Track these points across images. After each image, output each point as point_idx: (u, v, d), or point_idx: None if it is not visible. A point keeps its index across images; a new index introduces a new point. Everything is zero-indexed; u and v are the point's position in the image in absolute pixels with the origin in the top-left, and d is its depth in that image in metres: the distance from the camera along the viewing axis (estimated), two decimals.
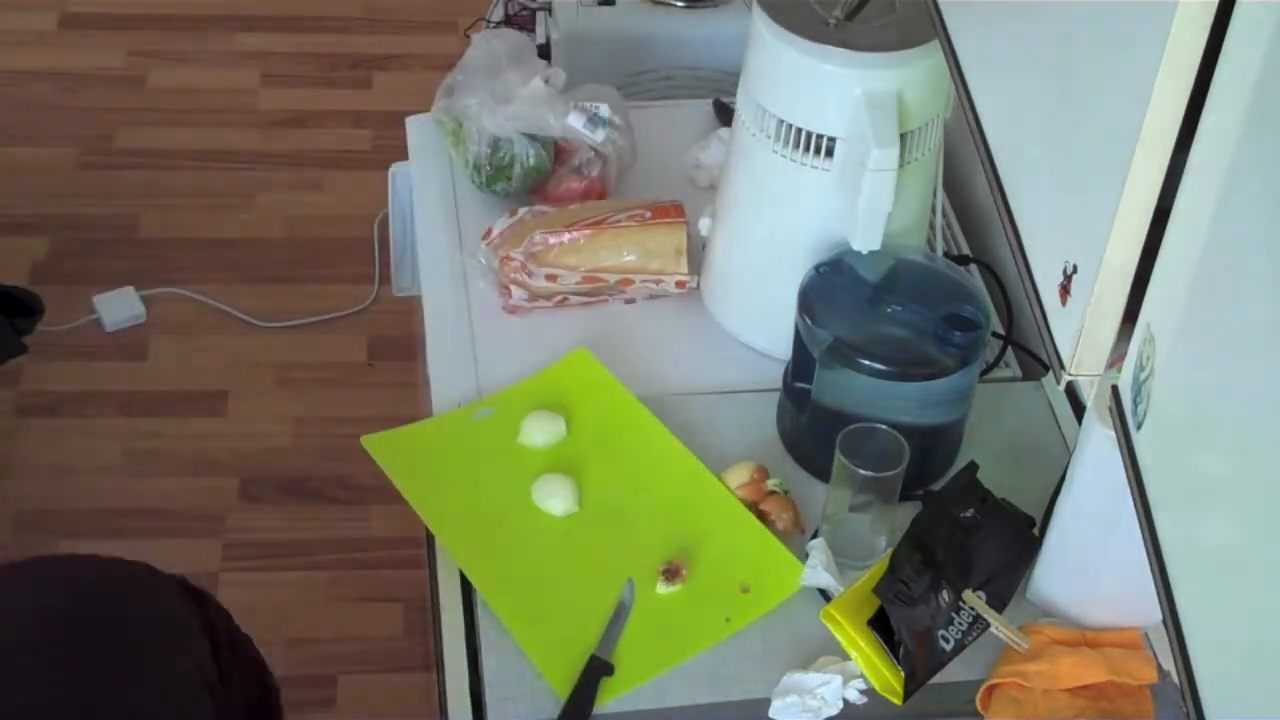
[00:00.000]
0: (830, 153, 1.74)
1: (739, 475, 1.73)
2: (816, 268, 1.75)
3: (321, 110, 3.79)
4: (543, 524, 1.70)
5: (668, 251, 1.95)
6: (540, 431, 1.78)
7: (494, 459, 1.76)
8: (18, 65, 3.81)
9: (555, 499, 1.70)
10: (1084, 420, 1.58)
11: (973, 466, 1.65)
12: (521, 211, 1.99)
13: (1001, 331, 1.92)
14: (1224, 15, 0.93)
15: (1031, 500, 1.67)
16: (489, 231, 1.99)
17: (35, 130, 3.65)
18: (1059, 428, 1.84)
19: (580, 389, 1.83)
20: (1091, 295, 1.09)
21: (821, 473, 1.71)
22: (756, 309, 1.90)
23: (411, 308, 2.40)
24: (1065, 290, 1.13)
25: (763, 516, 1.71)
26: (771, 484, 1.73)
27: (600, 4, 2.52)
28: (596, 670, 1.55)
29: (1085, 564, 1.59)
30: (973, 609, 1.56)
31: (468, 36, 2.80)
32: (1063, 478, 1.60)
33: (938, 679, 1.58)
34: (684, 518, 1.71)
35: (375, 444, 1.77)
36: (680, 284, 1.96)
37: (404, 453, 1.73)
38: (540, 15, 2.68)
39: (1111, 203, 1.04)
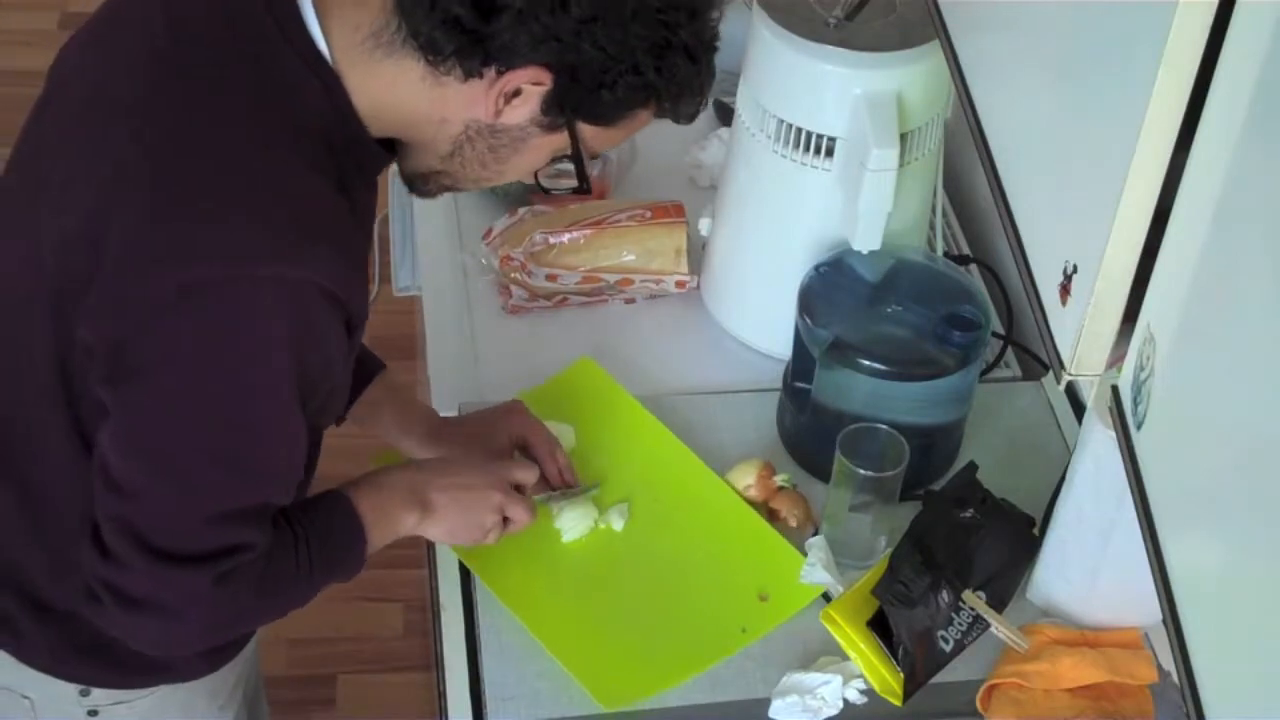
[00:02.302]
0: (830, 153, 1.74)
1: (746, 474, 1.73)
2: (816, 268, 1.75)
3: None
4: (558, 537, 1.68)
5: (668, 251, 1.95)
6: (576, 528, 1.71)
7: None
8: (18, 65, 3.80)
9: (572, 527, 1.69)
10: (1084, 420, 1.58)
11: (973, 466, 1.65)
12: (521, 211, 1.99)
13: (1001, 331, 1.92)
14: (1224, 15, 0.93)
15: (1031, 500, 1.67)
16: (489, 231, 1.99)
17: None
18: (1059, 428, 1.84)
19: (586, 398, 1.81)
20: (1091, 295, 1.09)
21: (821, 473, 1.71)
22: (756, 309, 1.90)
23: (411, 308, 2.40)
24: (1065, 290, 1.13)
25: (774, 515, 1.71)
26: (780, 480, 1.73)
27: None
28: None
29: (1085, 564, 1.58)
30: (972, 609, 1.56)
31: None
32: (1063, 478, 1.60)
33: (938, 679, 1.58)
34: (698, 526, 1.70)
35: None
36: (680, 284, 1.96)
37: None
38: None
39: (1111, 203, 1.04)
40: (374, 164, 1.38)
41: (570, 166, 1.39)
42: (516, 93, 1.29)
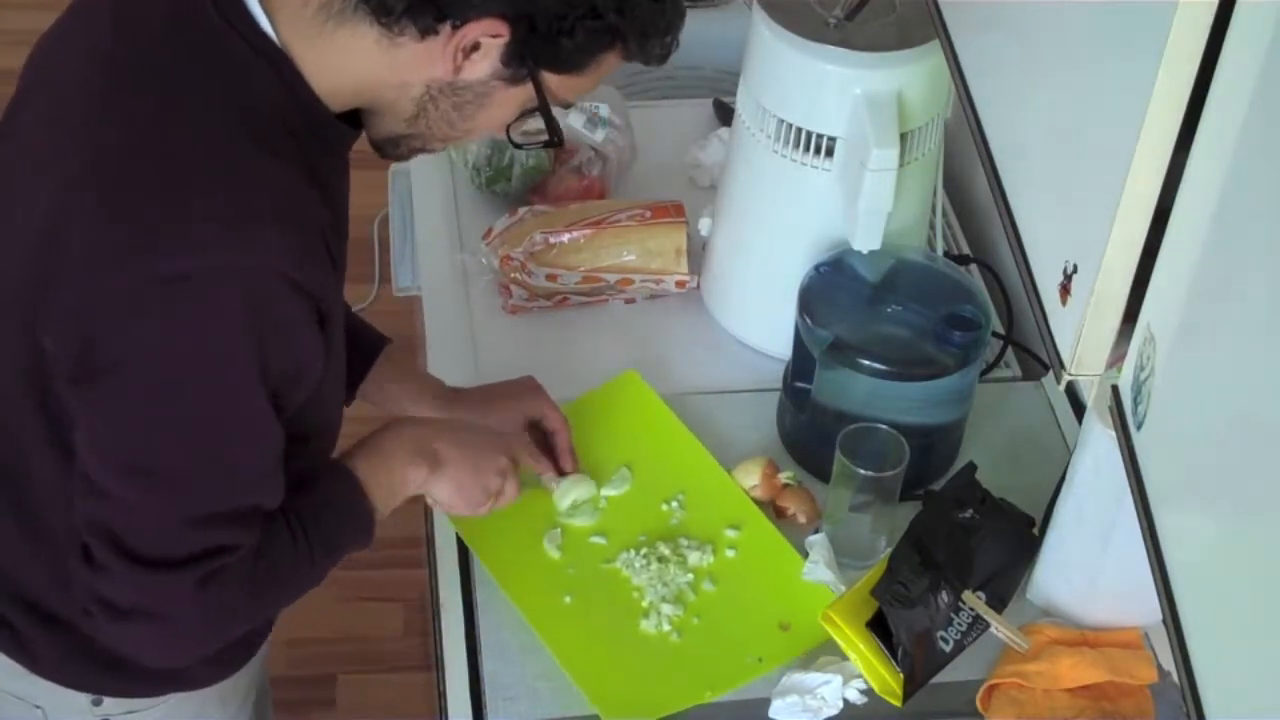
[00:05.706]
0: (830, 153, 1.74)
1: (750, 473, 1.73)
2: (816, 268, 1.75)
3: None
4: (590, 558, 1.68)
5: (668, 251, 1.95)
6: (572, 494, 1.71)
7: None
8: (18, 65, 3.81)
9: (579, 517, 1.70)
10: (1084, 420, 1.58)
11: (972, 466, 1.65)
12: (521, 211, 1.99)
13: (1001, 331, 1.92)
14: (1224, 15, 0.94)
15: (1031, 500, 1.67)
16: (489, 231, 1.99)
17: None
18: (1059, 428, 1.84)
19: (627, 412, 1.79)
20: (1091, 295, 1.09)
21: (821, 473, 1.71)
22: (756, 309, 1.90)
23: (411, 307, 2.40)
24: (1065, 290, 1.13)
25: (781, 512, 1.71)
26: (785, 477, 1.73)
27: None
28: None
29: (1085, 564, 1.59)
30: (972, 609, 1.56)
31: None
32: (1063, 478, 1.60)
33: (938, 679, 1.58)
34: (726, 551, 1.68)
35: None
36: (680, 284, 1.96)
37: None
38: None
39: (1111, 203, 1.04)
40: (339, 141, 1.36)
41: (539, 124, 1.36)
42: (475, 47, 1.26)
